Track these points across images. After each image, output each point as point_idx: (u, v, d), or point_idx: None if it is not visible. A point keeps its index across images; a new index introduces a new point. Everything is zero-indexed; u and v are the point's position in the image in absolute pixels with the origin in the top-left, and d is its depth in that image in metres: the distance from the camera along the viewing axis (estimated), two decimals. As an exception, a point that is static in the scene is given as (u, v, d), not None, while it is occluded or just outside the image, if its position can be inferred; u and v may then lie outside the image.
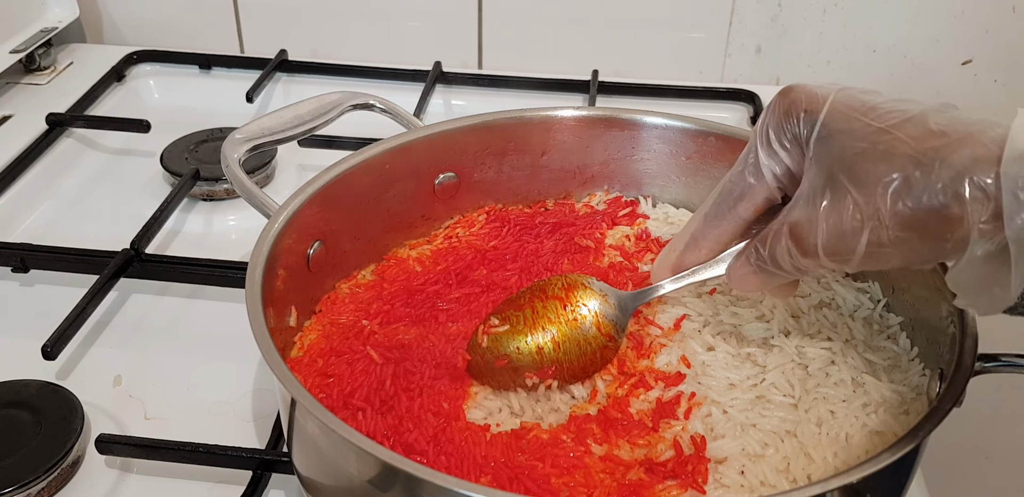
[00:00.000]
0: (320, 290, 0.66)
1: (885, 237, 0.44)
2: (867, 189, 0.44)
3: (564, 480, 0.51)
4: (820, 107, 0.47)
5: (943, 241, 0.43)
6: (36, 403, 0.64)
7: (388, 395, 0.56)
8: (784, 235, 0.48)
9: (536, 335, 0.58)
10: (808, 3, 1.05)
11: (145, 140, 0.98)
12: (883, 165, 0.44)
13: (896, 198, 0.43)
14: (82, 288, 0.74)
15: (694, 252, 0.56)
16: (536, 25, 1.10)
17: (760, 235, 0.51)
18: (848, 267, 0.46)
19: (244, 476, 0.61)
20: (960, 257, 0.43)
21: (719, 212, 0.53)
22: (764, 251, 0.50)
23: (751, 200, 0.52)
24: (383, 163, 0.68)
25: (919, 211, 0.43)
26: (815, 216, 0.46)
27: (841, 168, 0.45)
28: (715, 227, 0.54)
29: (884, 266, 0.46)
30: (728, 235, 0.54)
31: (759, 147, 0.50)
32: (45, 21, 1.09)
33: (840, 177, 0.45)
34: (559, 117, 0.73)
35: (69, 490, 0.62)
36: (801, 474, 0.53)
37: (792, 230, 0.47)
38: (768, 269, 0.50)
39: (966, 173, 0.41)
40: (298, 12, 1.12)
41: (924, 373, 0.59)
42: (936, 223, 0.43)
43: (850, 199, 0.44)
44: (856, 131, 0.45)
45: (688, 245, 0.56)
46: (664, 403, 0.56)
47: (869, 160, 0.44)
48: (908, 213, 0.43)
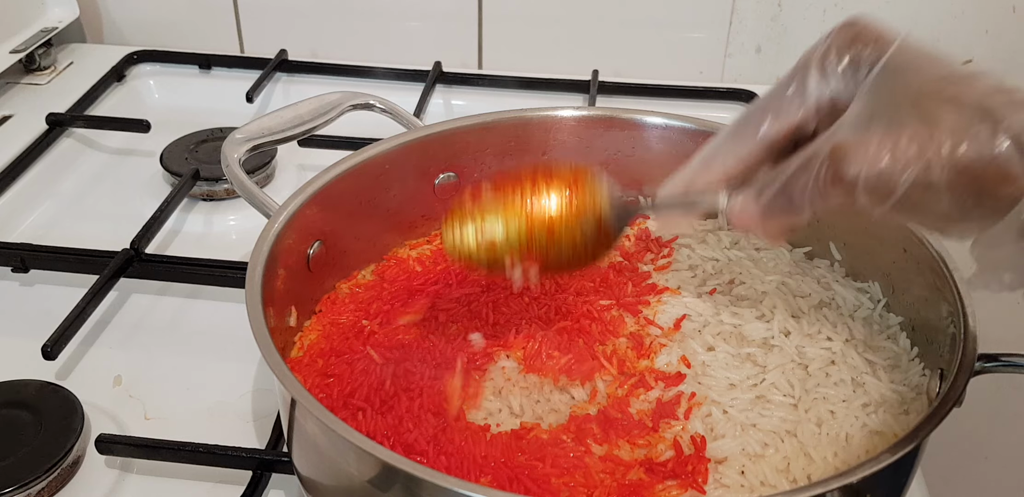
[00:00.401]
0: (320, 290, 0.66)
1: (935, 177, 0.41)
2: (930, 126, 0.41)
3: (564, 480, 0.51)
4: (890, 41, 0.46)
5: (989, 196, 0.41)
6: (36, 403, 0.64)
7: (388, 395, 0.56)
8: (820, 158, 0.44)
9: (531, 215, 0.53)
10: (808, 3, 1.05)
11: (145, 140, 0.98)
12: (951, 107, 0.42)
13: (958, 140, 0.41)
14: (82, 288, 0.74)
15: (706, 171, 0.52)
16: (536, 25, 1.10)
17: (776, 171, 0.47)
18: (878, 206, 0.43)
19: (244, 476, 0.61)
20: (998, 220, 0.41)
21: (744, 129, 0.50)
22: (780, 179, 0.46)
23: (784, 120, 0.48)
24: (383, 163, 0.68)
25: (977, 158, 0.41)
26: (867, 139, 0.43)
27: (904, 100, 0.43)
28: (736, 144, 0.50)
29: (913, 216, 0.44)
30: (745, 156, 0.50)
31: (812, 67, 0.47)
32: (45, 21, 1.09)
33: (902, 109, 0.43)
34: (559, 117, 0.73)
35: (69, 490, 0.62)
36: (801, 474, 0.53)
37: (835, 152, 0.44)
38: (778, 203, 0.47)
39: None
40: (298, 12, 1.12)
41: (924, 373, 0.59)
42: (991, 174, 0.41)
43: (909, 131, 0.42)
44: (925, 72, 0.44)
45: (701, 163, 0.52)
46: (664, 403, 0.56)
47: (936, 101, 0.42)
48: (966, 157, 0.41)
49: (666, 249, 0.69)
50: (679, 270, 0.67)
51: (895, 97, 0.44)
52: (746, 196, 0.49)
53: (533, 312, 0.63)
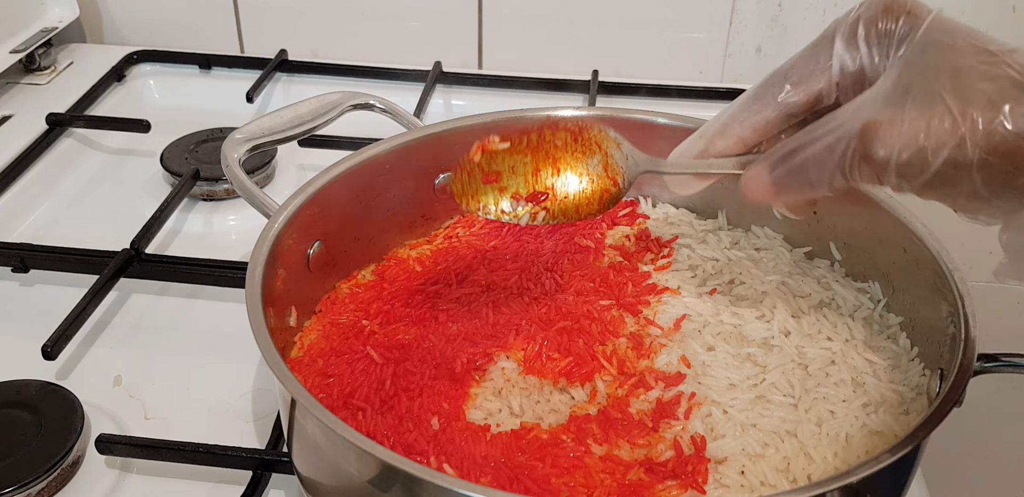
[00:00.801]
0: (320, 290, 0.66)
1: (967, 155, 0.40)
2: (965, 102, 0.40)
3: (564, 480, 0.51)
4: (925, 13, 0.44)
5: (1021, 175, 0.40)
6: (36, 403, 0.64)
7: (388, 395, 0.56)
8: (847, 135, 0.43)
9: (537, 157, 0.53)
10: (808, 3, 1.05)
11: (145, 140, 0.98)
12: (987, 84, 0.40)
13: (993, 117, 0.40)
14: (82, 288, 0.74)
15: (723, 139, 0.50)
16: (536, 25, 1.10)
17: (795, 139, 0.46)
18: (910, 185, 0.42)
19: (244, 476, 0.61)
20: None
21: (764, 95, 0.48)
22: (800, 156, 0.45)
23: (807, 87, 0.47)
24: (383, 163, 0.68)
25: (1013, 136, 0.39)
26: (899, 117, 0.41)
27: (939, 76, 0.41)
28: (755, 112, 0.49)
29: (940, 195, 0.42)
30: (763, 123, 0.49)
31: (839, 36, 0.46)
32: (45, 21, 1.09)
33: (936, 85, 0.41)
34: (559, 117, 0.72)
35: (69, 490, 0.62)
36: (801, 474, 0.53)
37: (866, 130, 0.42)
38: (793, 179, 0.46)
39: None
40: (298, 12, 1.12)
41: (924, 373, 0.59)
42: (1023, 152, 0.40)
43: (943, 107, 0.41)
44: (960, 47, 0.42)
45: (719, 130, 0.51)
46: (664, 403, 0.56)
47: (972, 76, 0.41)
48: (1001, 135, 0.40)
49: (666, 249, 0.69)
50: (679, 270, 0.67)
51: (929, 72, 0.42)
52: (761, 167, 0.47)
53: (533, 312, 0.63)
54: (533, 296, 0.64)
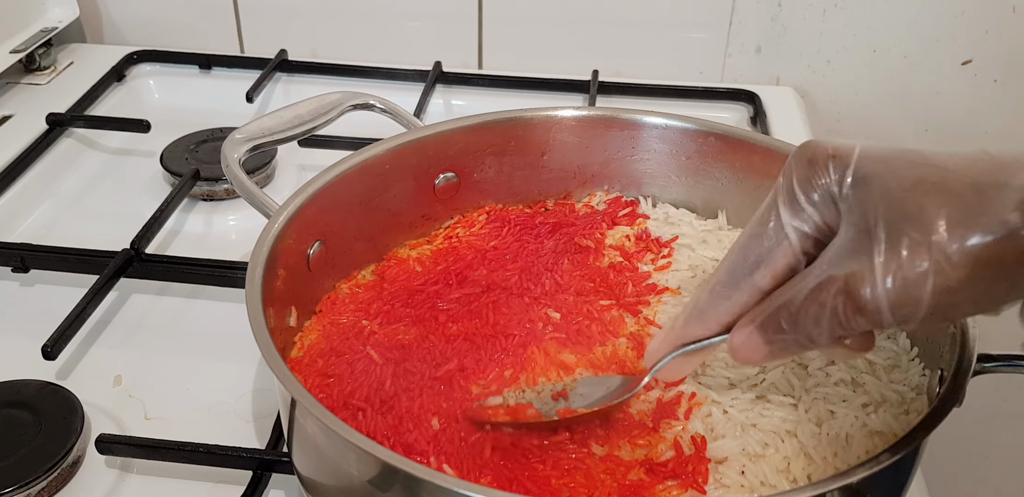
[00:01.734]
0: (320, 290, 0.66)
1: (955, 278, 0.38)
2: (924, 226, 0.38)
3: (564, 481, 0.51)
4: (850, 152, 0.42)
5: (1020, 274, 0.38)
6: (36, 403, 0.64)
7: (388, 395, 0.56)
8: (830, 292, 0.41)
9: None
10: (808, 3, 1.05)
11: (145, 140, 0.98)
12: (938, 197, 0.38)
13: (960, 232, 0.38)
14: (82, 288, 0.74)
15: (700, 327, 0.49)
16: (536, 25, 1.10)
17: (778, 299, 0.44)
18: (912, 322, 0.40)
19: (244, 476, 0.61)
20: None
21: (732, 281, 0.47)
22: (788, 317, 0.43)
23: (771, 266, 0.45)
24: (383, 163, 0.68)
25: (988, 243, 0.38)
26: (871, 265, 0.40)
27: (889, 208, 0.40)
28: (727, 298, 0.47)
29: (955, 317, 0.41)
30: (740, 307, 0.47)
31: (781, 205, 0.44)
32: (45, 21, 1.09)
33: (890, 218, 0.40)
34: (559, 117, 0.73)
35: (69, 490, 0.62)
36: (801, 474, 0.53)
37: (847, 284, 0.41)
38: (791, 338, 0.44)
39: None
40: (298, 12, 1.12)
41: (924, 373, 0.59)
42: (1010, 255, 0.38)
43: (907, 241, 0.39)
44: (897, 169, 0.40)
45: (691, 320, 0.49)
46: (664, 403, 0.56)
47: (921, 194, 0.39)
48: (977, 247, 0.38)
49: (666, 249, 0.69)
50: (679, 270, 0.67)
51: (879, 206, 0.40)
52: (749, 331, 0.46)
53: (534, 312, 0.63)
54: (533, 296, 0.64)
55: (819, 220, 0.43)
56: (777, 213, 0.44)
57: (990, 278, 0.38)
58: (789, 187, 0.44)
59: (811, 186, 0.43)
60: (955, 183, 0.39)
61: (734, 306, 0.47)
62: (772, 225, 0.45)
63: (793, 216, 0.44)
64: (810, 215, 0.43)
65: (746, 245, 0.46)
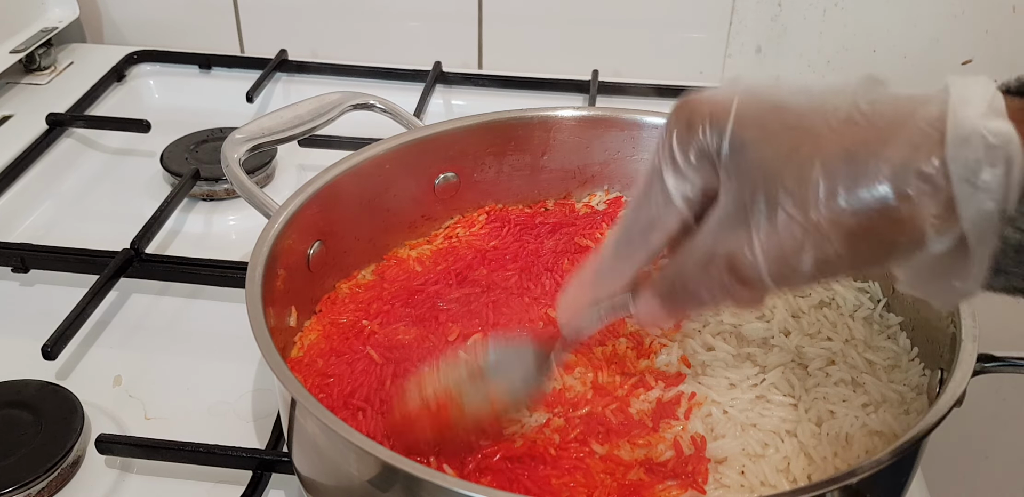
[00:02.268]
0: (320, 290, 0.66)
1: (831, 250, 0.38)
2: (799, 199, 0.38)
3: (564, 480, 0.51)
4: (725, 115, 0.41)
5: (894, 243, 0.38)
6: (36, 403, 0.64)
7: (388, 395, 0.56)
8: (717, 264, 0.42)
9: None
10: (808, 3, 1.05)
11: (145, 140, 0.98)
12: (811, 169, 0.38)
13: (833, 205, 0.38)
14: (82, 288, 0.74)
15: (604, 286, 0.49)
16: (536, 25, 1.10)
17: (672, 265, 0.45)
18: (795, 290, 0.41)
19: (244, 476, 0.61)
20: (914, 256, 0.39)
21: (628, 244, 0.47)
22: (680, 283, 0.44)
23: (663, 229, 0.45)
24: (383, 163, 0.68)
25: (862, 216, 0.38)
26: (751, 240, 0.40)
27: (765, 180, 0.39)
28: (625, 259, 0.47)
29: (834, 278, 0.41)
30: (641, 265, 0.47)
31: (664, 169, 0.43)
32: (45, 21, 1.09)
33: (767, 190, 0.39)
34: (559, 117, 0.73)
35: (69, 490, 0.62)
36: (801, 474, 0.53)
37: (729, 261, 0.41)
38: (682, 302, 0.45)
39: (906, 165, 0.37)
40: (298, 12, 1.12)
41: (924, 373, 0.59)
42: (884, 226, 0.38)
43: (783, 214, 0.39)
44: (772, 136, 0.40)
45: (596, 280, 0.49)
46: (664, 403, 0.56)
47: (794, 166, 0.39)
48: (850, 220, 0.38)
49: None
50: (679, 270, 0.67)
51: (755, 177, 0.40)
52: (649, 298, 0.46)
53: (534, 312, 0.63)
54: (533, 296, 0.64)
55: (701, 184, 0.43)
56: (661, 176, 0.44)
57: (866, 248, 0.39)
58: (669, 150, 0.43)
59: (690, 150, 0.42)
60: (829, 153, 0.38)
61: (633, 266, 0.47)
62: (658, 188, 0.44)
63: (676, 179, 0.43)
64: (690, 179, 0.43)
65: (637, 207, 0.46)
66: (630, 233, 0.47)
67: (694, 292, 0.43)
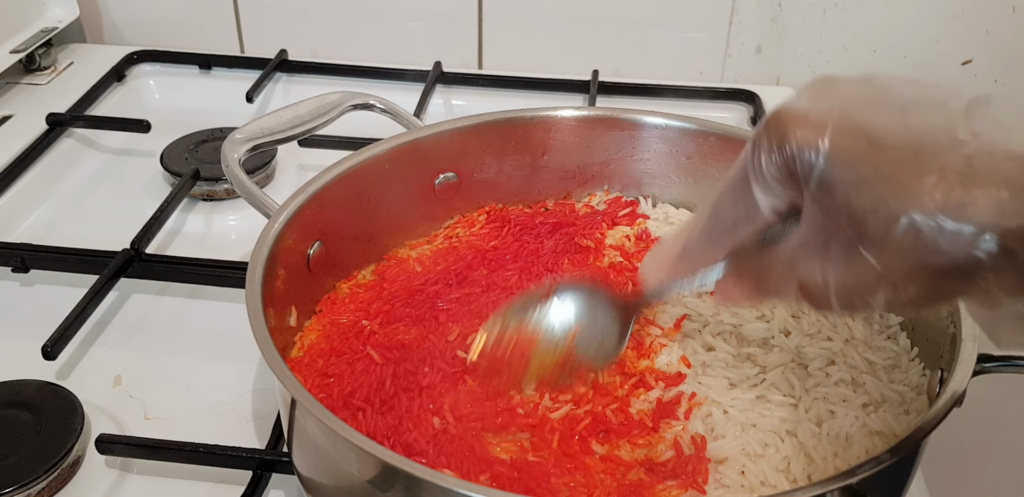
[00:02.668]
0: (320, 290, 0.66)
1: (902, 295, 0.40)
2: (879, 246, 0.40)
3: (564, 480, 0.51)
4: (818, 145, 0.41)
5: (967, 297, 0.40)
6: (36, 403, 0.64)
7: (388, 395, 0.56)
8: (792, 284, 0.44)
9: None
10: (808, 3, 1.05)
11: (145, 140, 0.98)
12: (896, 225, 0.39)
13: (911, 256, 0.39)
14: (82, 288, 0.74)
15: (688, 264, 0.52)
16: (536, 25, 1.10)
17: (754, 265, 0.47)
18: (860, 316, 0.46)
19: (244, 476, 0.61)
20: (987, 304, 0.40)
21: (714, 234, 0.49)
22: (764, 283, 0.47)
23: (749, 228, 0.47)
24: (383, 163, 0.68)
25: (936, 270, 0.39)
26: (825, 274, 0.42)
27: (849, 222, 0.41)
28: (712, 245, 0.50)
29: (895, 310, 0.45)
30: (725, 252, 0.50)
31: (753, 180, 0.45)
32: (45, 21, 1.09)
33: (849, 232, 0.41)
34: (559, 117, 0.73)
35: (69, 490, 0.62)
36: (801, 474, 0.53)
37: (802, 286, 0.43)
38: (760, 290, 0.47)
39: (987, 228, 0.37)
40: (298, 12, 1.12)
41: (924, 373, 0.59)
42: (955, 282, 0.39)
43: (861, 257, 0.40)
44: (863, 182, 0.40)
45: (682, 258, 0.52)
46: (664, 403, 0.56)
47: (881, 218, 0.40)
48: (924, 272, 0.39)
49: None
50: (679, 270, 0.67)
51: (840, 217, 0.41)
52: (731, 282, 0.50)
53: (533, 312, 0.63)
54: (533, 296, 0.64)
55: (788, 200, 0.44)
56: (749, 186, 0.45)
57: (940, 299, 0.41)
58: (759, 165, 0.44)
59: (780, 170, 0.43)
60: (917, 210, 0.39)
61: (718, 252, 0.50)
62: (745, 195, 0.46)
63: (764, 194, 0.45)
64: (779, 195, 0.44)
65: (724, 208, 0.48)
66: (718, 225, 0.49)
67: (769, 290, 0.47)
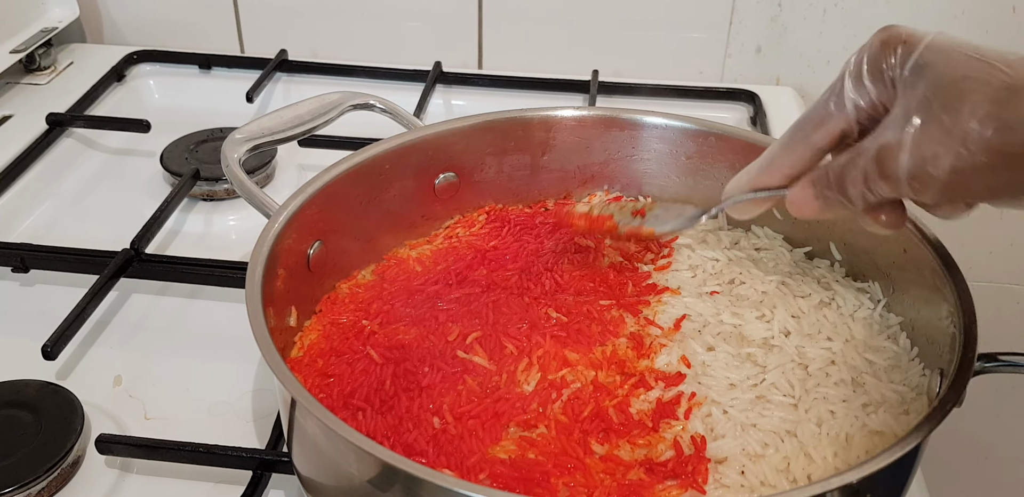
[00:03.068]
0: (320, 290, 0.66)
1: (970, 162, 0.43)
2: (957, 113, 0.43)
3: (564, 480, 0.51)
4: (920, 40, 0.47)
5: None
6: (36, 403, 0.64)
7: (388, 395, 0.56)
8: (866, 157, 0.47)
9: None
10: (808, 3, 1.05)
11: (145, 140, 0.98)
12: (977, 91, 0.43)
13: (984, 123, 0.42)
14: (82, 288, 0.74)
15: (768, 175, 0.55)
16: (536, 25, 1.10)
17: (833, 161, 0.51)
18: (927, 195, 0.45)
19: (244, 476, 0.61)
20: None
21: (795, 138, 0.53)
22: (834, 175, 0.49)
23: (828, 129, 0.51)
24: (383, 163, 0.68)
25: (1006, 137, 0.42)
26: (902, 138, 0.45)
27: (935, 94, 0.45)
28: (790, 152, 0.53)
29: (967, 197, 0.46)
30: (802, 162, 0.53)
31: (847, 77, 0.50)
32: (45, 21, 1.09)
33: (932, 103, 0.45)
34: (559, 117, 0.73)
35: (69, 490, 0.62)
36: (801, 474, 0.53)
37: (878, 152, 0.46)
38: (833, 195, 0.50)
39: None
40: (298, 12, 1.12)
41: (924, 373, 0.59)
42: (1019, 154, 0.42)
43: (938, 123, 0.44)
44: (954, 61, 0.45)
45: (762, 168, 0.56)
46: (664, 403, 0.56)
47: (964, 87, 0.44)
48: (995, 139, 0.42)
49: (666, 249, 0.69)
50: (679, 270, 0.67)
51: (927, 91, 0.45)
52: (804, 189, 0.52)
53: (534, 312, 0.63)
54: (533, 296, 0.64)
55: (875, 97, 0.49)
56: (842, 85, 0.50)
57: (1003, 169, 0.43)
58: (858, 64, 0.49)
59: (877, 66, 0.48)
60: (996, 81, 0.43)
61: (798, 161, 0.53)
62: (836, 94, 0.50)
63: (855, 88, 0.49)
64: (868, 91, 0.49)
65: (813, 108, 0.52)
66: (798, 130, 0.53)
67: (842, 184, 0.49)
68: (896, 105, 0.47)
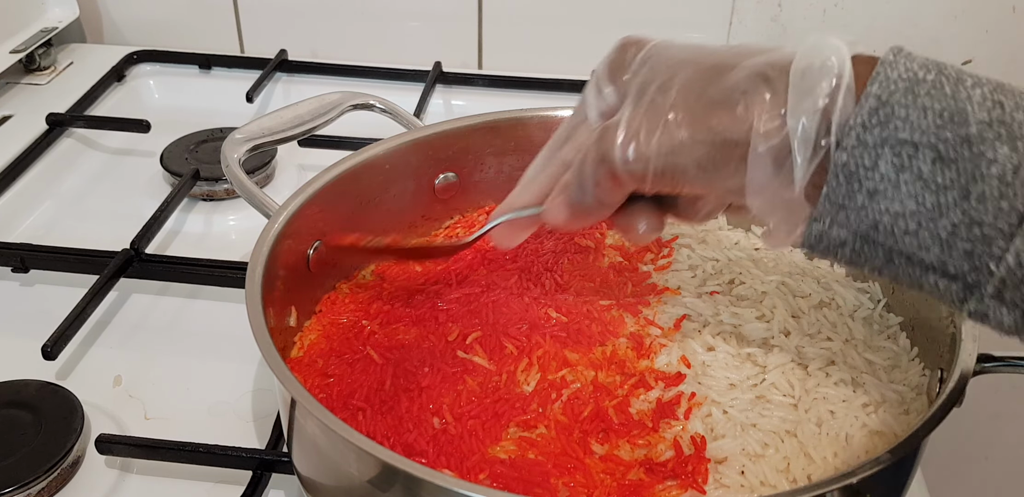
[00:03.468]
0: (320, 290, 0.66)
1: (677, 136, 0.44)
2: (667, 92, 0.45)
3: (564, 480, 0.51)
4: (650, 41, 0.49)
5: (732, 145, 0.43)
6: (36, 403, 0.64)
7: (388, 395, 0.56)
8: (592, 149, 0.47)
9: None
10: (808, 3, 1.05)
11: (145, 140, 0.98)
12: (686, 72, 0.45)
13: (688, 96, 0.44)
14: (82, 288, 0.74)
15: (526, 195, 0.55)
16: (536, 25, 1.10)
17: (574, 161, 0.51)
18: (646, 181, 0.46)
19: (244, 476, 0.61)
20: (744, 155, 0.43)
21: (547, 156, 0.53)
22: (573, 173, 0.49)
23: (574, 142, 0.52)
24: (383, 163, 0.68)
25: (707, 106, 0.43)
26: (619, 118, 0.46)
27: (652, 78, 0.47)
28: (543, 170, 0.53)
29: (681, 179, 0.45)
30: (555, 179, 0.52)
31: (588, 89, 0.51)
32: (45, 21, 1.09)
33: (650, 85, 0.46)
34: (559, 117, 0.72)
35: (69, 490, 0.62)
36: (801, 474, 0.53)
37: (599, 135, 0.47)
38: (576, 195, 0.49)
39: (754, 71, 0.43)
40: (298, 12, 1.12)
41: (924, 373, 0.59)
42: (722, 119, 0.43)
43: (650, 102, 0.45)
44: (673, 50, 0.48)
45: (520, 190, 0.55)
46: (664, 403, 0.56)
47: (676, 71, 0.46)
48: (697, 109, 0.44)
49: (666, 249, 0.69)
50: (679, 270, 0.67)
51: (645, 79, 0.47)
52: (555, 198, 0.52)
53: (534, 312, 0.63)
54: (533, 296, 0.64)
55: (613, 98, 0.50)
56: (584, 97, 0.51)
57: (706, 139, 0.44)
58: (600, 70, 0.50)
59: (613, 69, 0.50)
60: (707, 63, 0.45)
61: (548, 178, 0.53)
62: (580, 106, 0.51)
63: (595, 97, 0.50)
64: (606, 96, 0.50)
65: (562, 126, 0.53)
66: (551, 148, 0.53)
67: (582, 183, 0.48)
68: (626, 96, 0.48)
